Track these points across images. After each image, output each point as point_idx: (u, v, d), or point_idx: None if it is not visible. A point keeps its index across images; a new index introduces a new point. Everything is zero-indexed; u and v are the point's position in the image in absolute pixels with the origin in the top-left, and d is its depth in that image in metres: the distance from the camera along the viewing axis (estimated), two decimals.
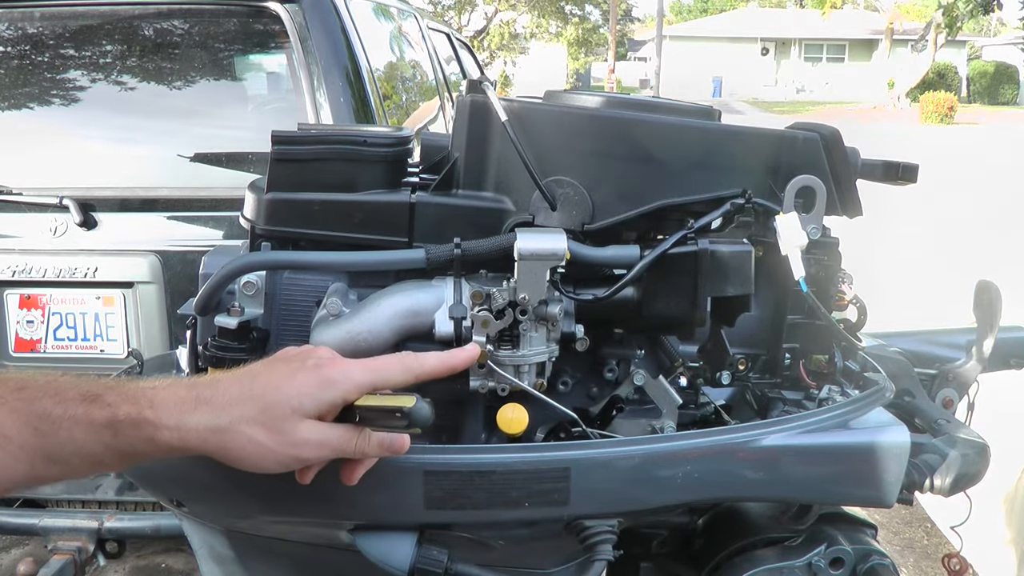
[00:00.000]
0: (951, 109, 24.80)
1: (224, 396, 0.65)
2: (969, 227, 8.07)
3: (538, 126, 0.84)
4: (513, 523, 0.79)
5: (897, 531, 2.91)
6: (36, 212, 2.11)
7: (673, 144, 0.85)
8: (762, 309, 0.88)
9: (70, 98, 2.29)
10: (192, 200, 2.12)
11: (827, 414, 0.80)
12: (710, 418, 0.88)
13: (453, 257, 0.79)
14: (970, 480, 0.86)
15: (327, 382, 0.67)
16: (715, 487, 0.77)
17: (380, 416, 0.68)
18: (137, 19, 2.30)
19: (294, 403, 0.66)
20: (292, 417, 0.66)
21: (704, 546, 0.95)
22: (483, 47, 25.89)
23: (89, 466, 0.65)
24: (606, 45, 31.52)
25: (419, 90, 3.45)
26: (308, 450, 0.66)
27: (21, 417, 0.62)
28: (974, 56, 39.01)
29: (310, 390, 0.66)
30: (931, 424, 0.95)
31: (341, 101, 2.12)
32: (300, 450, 0.66)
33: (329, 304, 0.80)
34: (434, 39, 4.09)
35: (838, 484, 0.80)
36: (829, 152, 0.86)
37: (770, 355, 0.90)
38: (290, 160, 0.83)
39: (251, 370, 0.68)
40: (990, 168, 12.91)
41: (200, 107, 2.31)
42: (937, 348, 1.15)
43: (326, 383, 0.67)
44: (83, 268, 2.07)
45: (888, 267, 5.82)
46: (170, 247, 2.08)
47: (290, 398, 0.66)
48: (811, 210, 0.84)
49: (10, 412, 0.62)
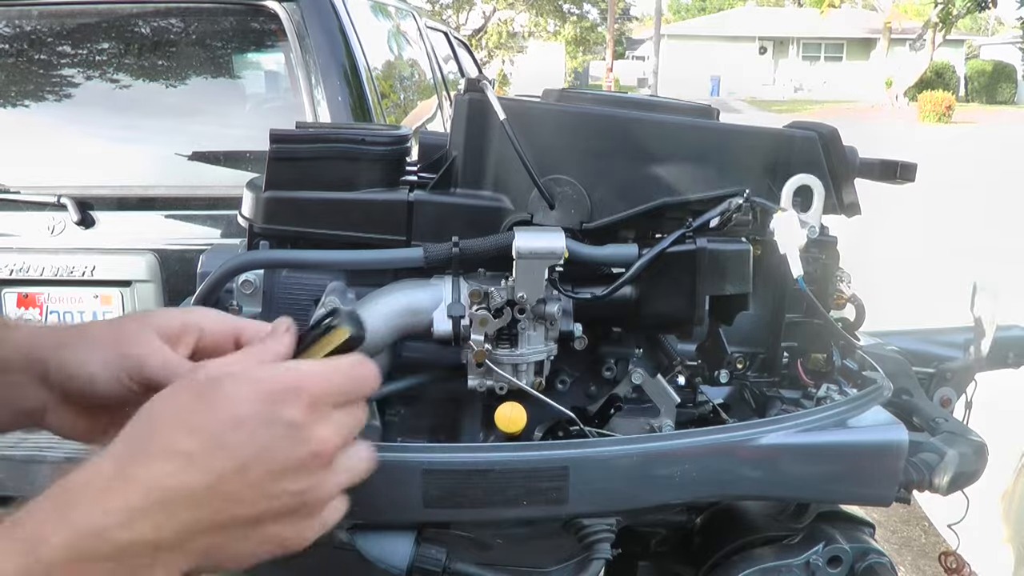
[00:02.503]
0: (949, 108, 24.83)
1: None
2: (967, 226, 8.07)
3: (536, 125, 0.84)
4: (511, 522, 0.79)
5: (895, 529, 2.92)
6: (34, 211, 2.11)
7: (671, 143, 0.85)
8: (760, 308, 0.88)
9: (68, 96, 2.29)
10: (190, 199, 2.12)
11: (825, 413, 0.80)
12: (708, 417, 0.88)
13: (451, 256, 0.79)
14: (968, 478, 0.86)
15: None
16: (713, 486, 0.77)
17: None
18: (135, 17, 2.29)
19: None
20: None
21: (702, 545, 0.95)
22: (481, 46, 25.88)
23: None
24: (604, 44, 31.52)
25: (417, 89, 3.45)
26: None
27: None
28: (972, 55, 39.05)
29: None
30: (929, 423, 0.95)
31: (339, 99, 2.12)
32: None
33: (327, 303, 0.80)
34: (432, 38, 4.09)
35: (836, 483, 0.80)
36: (827, 151, 0.86)
37: (768, 354, 0.90)
38: (288, 159, 0.83)
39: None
40: (989, 167, 12.92)
41: (198, 105, 2.31)
42: (935, 347, 1.15)
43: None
44: (81, 267, 2.07)
45: (886, 266, 5.83)
46: (168, 246, 2.08)
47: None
48: (809, 209, 0.84)
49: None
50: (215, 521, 0.51)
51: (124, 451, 0.51)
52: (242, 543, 0.54)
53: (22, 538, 0.46)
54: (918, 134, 19.95)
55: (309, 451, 0.53)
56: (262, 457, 0.52)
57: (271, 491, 0.53)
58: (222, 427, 0.52)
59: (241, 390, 0.53)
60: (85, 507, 0.48)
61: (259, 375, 0.54)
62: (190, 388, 0.54)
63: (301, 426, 0.53)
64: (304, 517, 0.55)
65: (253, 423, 0.52)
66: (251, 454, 0.52)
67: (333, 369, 0.57)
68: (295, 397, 0.53)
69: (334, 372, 0.56)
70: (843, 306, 0.92)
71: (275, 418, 0.53)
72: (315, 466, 0.54)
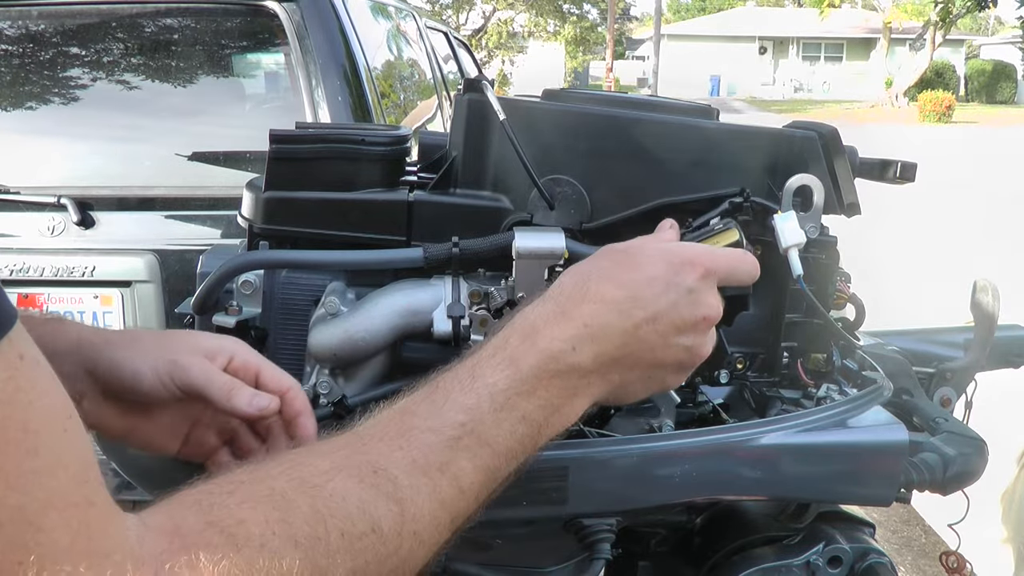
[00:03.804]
0: (949, 108, 24.83)
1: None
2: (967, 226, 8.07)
3: (536, 125, 0.84)
4: (511, 522, 0.79)
5: (895, 529, 2.92)
6: (34, 211, 2.11)
7: (671, 143, 0.85)
8: (760, 308, 0.88)
9: (67, 96, 2.28)
10: (190, 199, 2.12)
11: (825, 413, 0.80)
12: (708, 417, 0.88)
13: (451, 256, 0.79)
14: (968, 478, 0.86)
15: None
16: (713, 486, 0.77)
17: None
18: (135, 17, 2.29)
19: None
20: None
21: (702, 545, 0.95)
22: (481, 46, 25.89)
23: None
24: (604, 44, 31.54)
25: (417, 89, 3.45)
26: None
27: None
28: (972, 55, 39.06)
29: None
30: (929, 422, 0.95)
31: (339, 100, 2.12)
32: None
33: (327, 303, 0.80)
34: (432, 38, 4.09)
35: (836, 483, 0.80)
36: (827, 151, 0.86)
37: (768, 354, 0.90)
38: (288, 159, 0.83)
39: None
40: (989, 167, 12.92)
41: (198, 106, 2.31)
42: (935, 347, 1.15)
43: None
44: (81, 267, 2.07)
45: (886, 266, 5.83)
46: (168, 246, 2.08)
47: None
48: (809, 209, 0.84)
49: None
50: (628, 359, 0.64)
51: (562, 297, 0.64)
52: (641, 383, 0.67)
53: (506, 358, 0.61)
54: (918, 134, 19.94)
55: (702, 314, 0.66)
56: (669, 313, 0.64)
57: (671, 342, 0.65)
58: (640, 284, 0.64)
59: (654, 256, 0.66)
60: (544, 337, 0.62)
61: (666, 247, 0.69)
62: (612, 254, 0.68)
63: (696, 292, 0.66)
64: (682, 369, 0.68)
65: (662, 283, 0.65)
66: (661, 308, 0.64)
67: (723, 253, 0.71)
68: (692, 268, 0.66)
69: (723, 255, 0.70)
70: (843, 306, 0.92)
71: (679, 282, 0.65)
72: (703, 327, 0.67)
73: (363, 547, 0.49)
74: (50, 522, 0.37)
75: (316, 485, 0.49)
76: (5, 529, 0.36)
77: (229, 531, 0.44)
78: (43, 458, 0.38)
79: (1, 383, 0.37)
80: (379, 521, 0.50)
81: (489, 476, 0.58)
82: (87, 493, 0.40)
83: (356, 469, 0.51)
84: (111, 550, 0.39)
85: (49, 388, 0.40)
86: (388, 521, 0.50)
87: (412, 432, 0.55)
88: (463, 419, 0.57)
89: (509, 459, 0.59)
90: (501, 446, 0.58)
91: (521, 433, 0.59)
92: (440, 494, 0.54)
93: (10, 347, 0.38)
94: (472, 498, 0.57)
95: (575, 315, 0.63)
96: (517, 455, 0.60)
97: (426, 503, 0.53)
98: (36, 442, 0.38)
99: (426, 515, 0.53)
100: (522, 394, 0.60)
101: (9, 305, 0.39)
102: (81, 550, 0.38)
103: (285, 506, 0.47)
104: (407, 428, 0.56)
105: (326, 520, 0.47)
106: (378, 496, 0.51)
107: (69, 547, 0.38)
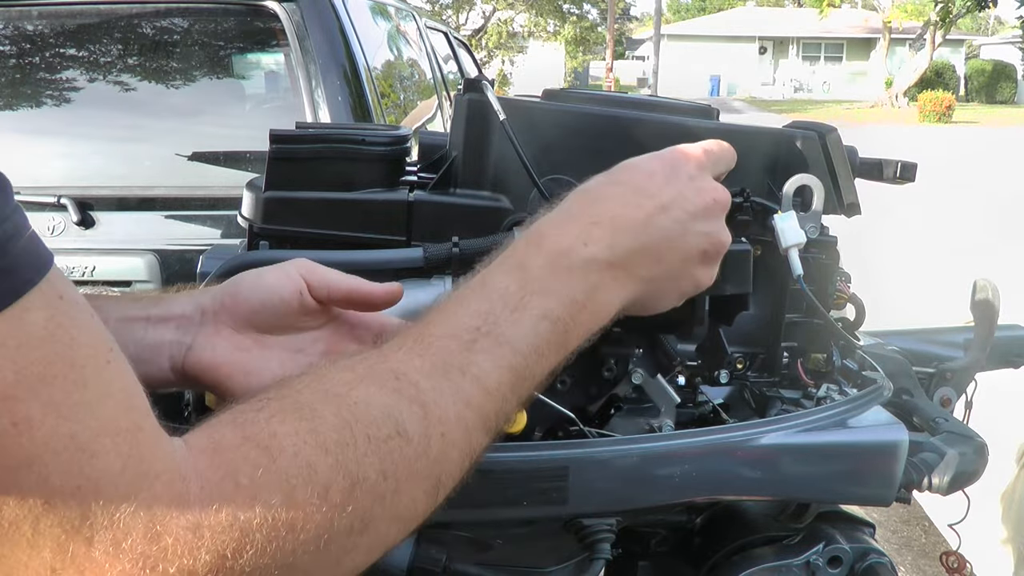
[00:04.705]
0: (949, 108, 24.83)
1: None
2: (967, 226, 8.08)
3: (536, 125, 0.84)
4: (511, 522, 0.79)
5: (895, 529, 2.92)
6: (33, 211, 2.11)
7: (671, 143, 0.85)
8: (760, 308, 0.88)
9: (67, 97, 2.29)
10: (190, 199, 2.12)
11: (825, 413, 0.80)
12: (708, 417, 0.88)
13: (451, 256, 0.79)
14: (968, 478, 0.86)
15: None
16: (713, 486, 0.77)
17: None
18: (134, 17, 2.29)
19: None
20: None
21: (702, 544, 0.95)
22: (481, 46, 25.90)
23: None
24: (604, 44, 31.55)
25: (417, 89, 3.45)
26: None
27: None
28: (972, 55, 39.08)
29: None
30: (929, 422, 0.95)
31: (339, 100, 2.12)
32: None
33: None
34: (432, 38, 4.09)
35: (836, 483, 0.80)
36: (827, 151, 0.86)
37: (768, 354, 0.90)
38: (288, 159, 0.83)
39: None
40: (989, 167, 12.92)
41: (198, 106, 2.31)
42: (935, 347, 1.15)
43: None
44: (81, 267, 2.07)
45: (886, 266, 5.83)
46: (168, 246, 2.08)
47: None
48: (809, 209, 0.84)
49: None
50: (650, 252, 0.65)
51: (567, 204, 0.66)
52: (671, 282, 0.68)
53: (515, 264, 0.62)
54: (918, 134, 19.95)
55: (711, 198, 0.67)
56: (678, 200, 0.66)
57: (689, 228, 0.66)
58: (641, 179, 0.67)
59: (645, 159, 0.69)
60: (551, 238, 0.63)
61: (651, 154, 0.70)
62: (605, 173, 0.69)
63: (697, 178, 0.68)
64: (707, 260, 0.69)
65: (662, 176, 0.67)
66: (668, 197, 0.66)
67: (704, 144, 0.72)
68: (685, 159, 0.69)
69: (704, 146, 0.72)
70: (843, 306, 0.92)
71: (678, 172, 0.67)
72: (716, 211, 0.68)
73: (390, 449, 0.50)
74: (103, 448, 0.39)
75: (339, 394, 0.50)
76: (61, 457, 0.38)
77: (264, 444, 0.46)
78: (91, 390, 0.40)
79: (44, 321, 0.39)
80: (404, 424, 0.51)
81: (516, 375, 0.58)
82: (135, 419, 0.42)
83: (377, 377, 0.53)
84: (160, 471, 0.41)
85: (89, 324, 0.42)
86: (413, 423, 0.51)
87: (429, 340, 0.56)
88: (477, 323, 0.58)
89: (537, 357, 0.59)
90: (523, 344, 0.58)
91: (545, 330, 0.59)
92: (464, 395, 0.55)
93: (50, 287, 0.40)
94: (500, 398, 0.57)
95: (582, 216, 0.64)
96: (544, 353, 0.60)
97: (450, 405, 0.54)
98: (83, 375, 0.40)
99: (452, 417, 0.54)
100: (536, 292, 0.60)
101: (45, 249, 0.41)
102: (133, 472, 0.40)
103: (312, 416, 0.48)
104: (424, 336, 0.57)
105: (352, 426, 0.49)
106: (400, 400, 0.52)
107: (122, 470, 0.40)
